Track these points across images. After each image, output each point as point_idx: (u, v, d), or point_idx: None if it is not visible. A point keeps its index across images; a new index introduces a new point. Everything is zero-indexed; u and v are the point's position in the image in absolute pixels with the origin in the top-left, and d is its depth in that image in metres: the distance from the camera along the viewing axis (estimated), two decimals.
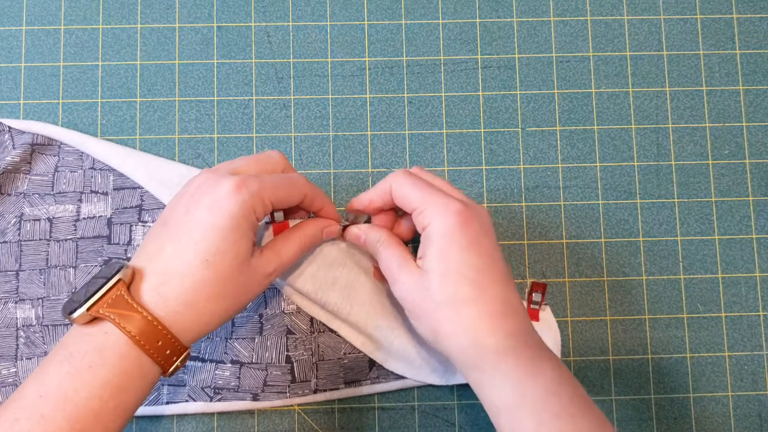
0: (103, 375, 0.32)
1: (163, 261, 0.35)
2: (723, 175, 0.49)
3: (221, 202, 0.35)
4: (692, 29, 0.51)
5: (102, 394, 0.32)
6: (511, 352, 0.35)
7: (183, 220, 0.36)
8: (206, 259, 0.35)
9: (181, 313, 0.34)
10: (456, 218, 0.37)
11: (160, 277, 0.35)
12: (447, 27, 0.50)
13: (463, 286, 0.36)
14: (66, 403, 0.31)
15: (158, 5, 0.50)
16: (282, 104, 0.49)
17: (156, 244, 0.36)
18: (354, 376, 0.46)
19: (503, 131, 0.50)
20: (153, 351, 0.33)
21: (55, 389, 0.32)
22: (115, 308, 0.33)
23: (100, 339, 0.33)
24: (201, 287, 0.35)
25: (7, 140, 0.47)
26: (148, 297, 0.34)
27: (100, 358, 0.33)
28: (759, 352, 0.48)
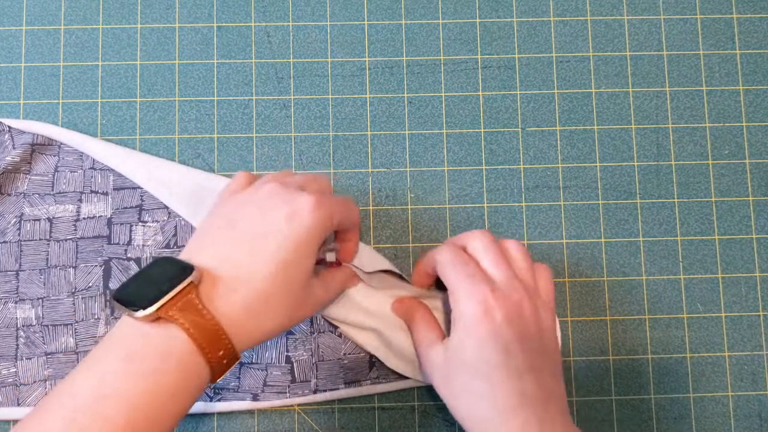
0: (165, 381, 0.31)
1: (234, 266, 0.34)
2: (723, 175, 0.49)
3: (302, 215, 0.35)
4: (692, 29, 0.51)
5: (162, 400, 0.31)
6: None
7: (257, 226, 0.35)
8: (279, 270, 0.34)
9: (244, 322, 0.34)
10: (478, 308, 0.37)
11: (229, 283, 0.34)
12: (447, 27, 0.50)
13: (476, 381, 0.36)
14: (127, 407, 0.30)
15: (158, 5, 0.50)
16: (282, 104, 0.49)
17: (223, 246, 0.35)
18: (354, 377, 0.46)
19: (503, 131, 0.50)
20: (214, 360, 0.33)
21: (116, 391, 0.31)
22: (185, 312, 0.32)
23: (164, 342, 0.32)
24: (269, 298, 0.34)
25: (7, 140, 0.47)
26: (217, 303, 0.33)
27: (164, 364, 0.32)
28: (759, 352, 0.48)
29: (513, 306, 0.37)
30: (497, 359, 0.36)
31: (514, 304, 0.37)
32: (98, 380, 0.31)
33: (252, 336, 0.34)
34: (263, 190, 0.37)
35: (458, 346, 0.37)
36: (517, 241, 0.41)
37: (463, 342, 0.37)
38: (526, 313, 0.38)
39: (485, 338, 0.36)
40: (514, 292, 0.38)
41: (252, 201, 0.37)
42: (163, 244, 0.47)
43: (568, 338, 0.47)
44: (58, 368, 0.45)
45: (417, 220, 0.48)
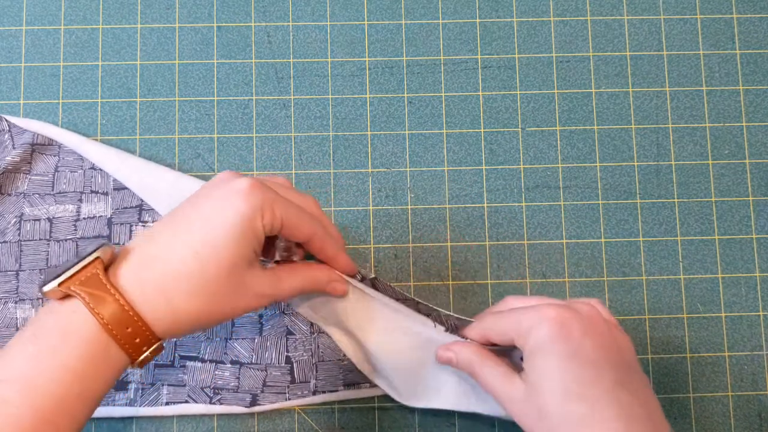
0: (66, 360, 0.30)
1: (152, 246, 0.33)
2: (723, 175, 0.49)
3: (231, 197, 0.34)
4: (692, 29, 0.51)
5: (65, 379, 0.30)
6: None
7: (187, 209, 0.34)
8: (196, 250, 0.33)
9: (157, 302, 0.32)
10: (552, 326, 0.34)
11: (143, 261, 0.33)
12: (447, 27, 0.50)
13: (572, 404, 0.33)
14: (29, 389, 0.29)
15: (158, 5, 0.50)
16: (282, 104, 0.49)
17: (152, 230, 0.34)
18: (353, 378, 0.46)
19: (503, 131, 0.50)
20: (121, 337, 0.31)
21: (18, 373, 0.30)
22: (88, 287, 0.31)
23: (66, 319, 0.31)
24: (182, 278, 0.32)
25: (7, 140, 0.47)
26: (125, 280, 0.32)
27: (65, 342, 0.31)
28: (759, 352, 0.48)
29: (588, 319, 0.35)
30: (588, 376, 0.34)
31: (588, 317, 0.36)
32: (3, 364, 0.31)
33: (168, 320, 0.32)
34: (212, 181, 0.36)
35: (542, 373, 0.35)
36: None
37: (547, 366, 0.34)
38: (601, 327, 0.36)
39: (568, 356, 0.34)
40: (584, 306, 0.36)
41: (200, 190, 0.36)
42: None
43: None
44: None
45: (417, 220, 0.48)
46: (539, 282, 0.48)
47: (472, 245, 0.48)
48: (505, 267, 0.48)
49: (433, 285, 0.48)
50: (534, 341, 0.35)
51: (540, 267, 0.48)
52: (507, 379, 0.37)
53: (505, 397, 0.37)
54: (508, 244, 0.48)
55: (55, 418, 0.30)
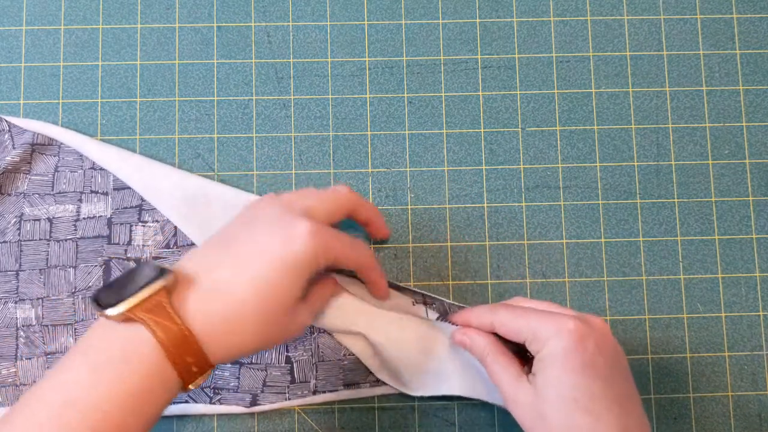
0: (130, 384, 0.31)
1: (216, 277, 0.34)
2: (723, 175, 0.49)
3: (294, 242, 0.35)
4: (692, 29, 0.51)
5: (126, 404, 0.31)
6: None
7: (248, 244, 0.35)
8: (260, 289, 0.34)
9: (217, 333, 0.33)
10: (570, 338, 0.35)
11: (208, 292, 0.34)
12: (447, 27, 0.50)
13: (577, 414, 0.35)
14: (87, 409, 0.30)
15: (158, 5, 0.50)
16: (282, 104, 0.49)
17: (212, 258, 0.35)
18: (353, 378, 0.46)
19: (503, 131, 0.50)
20: (180, 365, 0.32)
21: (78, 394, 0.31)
22: (154, 315, 0.32)
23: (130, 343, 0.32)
24: (244, 313, 0.34)
25: (7, 140, 0.47)
26: (189, 310, 0.33)
27: (128, 366, 0.31)
28: (759, 352, 0.48)
29: (601, 334, 0.37)
30: (597, 390, 0.35)
31: (600, 332, 0.37)
32: (64, 384, 0.31)
33: (224, 349, 0.34)
34: (267, 212, 0.37)
35: (552, 381, 0.36)
36: None
37: (559, 375, 0.35)
38: (612, 344, 0.37)
39: (581, 369, 0.35)
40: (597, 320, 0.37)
41: (252, 220, 0.37)
42: (163, 244, 0.47)
43: None
44: None
45: (417, 220, 0.48)
46: (539, 282, 0.48)
47: (472, 245, 0.48)
48: (505, 267, 0.48)
49: (433, 285, 0.48)
50: (550, 350, 0.36)
51: (540, 267, 0.48)
52: (515, 380, 0.38)
53: (511, 398, 0.38)
54: (508, 244, 0.48)
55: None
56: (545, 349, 0.36)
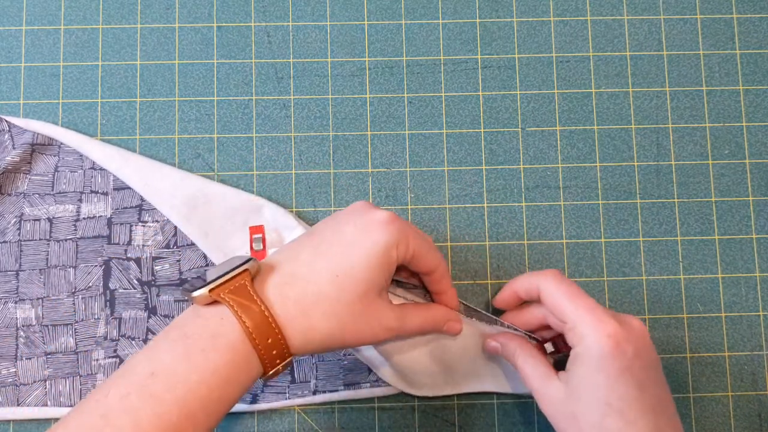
0: (214, 362, 0.32)
1: (295, 264, 0.35)
2: (723, 175, 0.49)
3: (371, 228, 0.36)
4: (692, 29, 0.51)
5: (210, 381, 0.32)
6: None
7: (329, 232, 0.37)
8: (336, 274, 0.35)
9: (296, 318, 0.34)
10: (609, 342, 0.36)
11: (286, 277, 0.35)
12: (447, 27, 0.50)
13: (609, 418, 0.35)
14: (176, 385, 0.31)
15: (158, 5, 0.50)
16: (282, 104, 0.49)
17: (295, 248, 0.37)
18: (353, 378, 0.46)
19: (503, 131, 0.50)
20: (262, 347, 0.33)
21: (167, 369, 0.32)
22: (236, 296, 0.33)
23: (214, 324, 0.33)
24: (321, 299, 0.35)
25: (7, 140, 0.47)
26: (269, 293, 0.34)
27: (213, 344, 0.32)
28: (759, 352, 0.48)
29: (640, 338, 0.37)
30: (632, 395, 0.35)
31: (640, 336, 0.37)
32: (151, 361, 0.32)
33: (302, 334, 0.34)
34: (350, 207, 0.38)
35: (587, 382, 0.36)
36: None
37: (594, 378, 0.36)
38: (650, 348, 0.38)
39: (618, 374, 0.35)
40: (636, 323, 0.38)
41: (338, 216, 0.38)
42: (163, 244, 0.47)
43: None
44: (57, 368, 0.45)
45: (417, 220, 0.48)
46: None
47: (472, 245, 0.48)
48: (505, 267, 0.48)
49: None
50: (586, 350, 0.36)
51: (540, 267, 0.48)
52: (547, 378, 0.38)
53: (542, 396, 0.38)
54: (508, 244, 0.48)
55: (196, 415, 0.32)
56: (581, 347, 0.37)
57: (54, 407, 0.45)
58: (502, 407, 0.46)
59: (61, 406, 0.45)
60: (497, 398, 0.47)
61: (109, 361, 0.46)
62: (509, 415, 0.46)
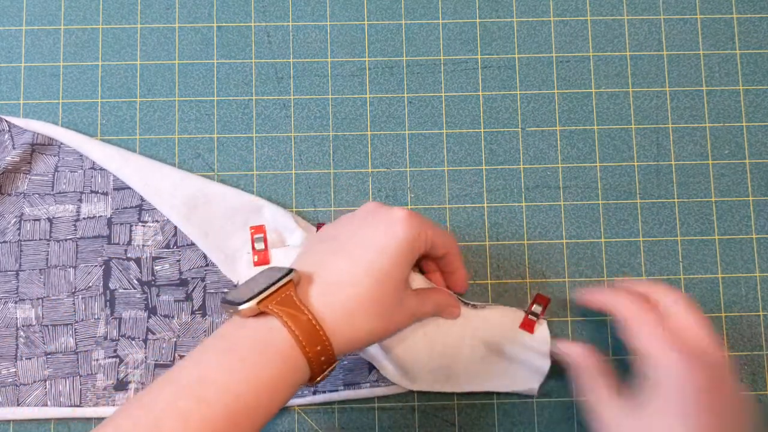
0: (263, 372, 0.33)
1: (333, 272, 0.37)
2: (723, 175, 0.49)
3: (395, 227, 0.38)
4: (692, 29, 0.51)
5: (258, 390, 0.33)
6: None
7: (356, 238, 0.38)
8: (375, 277, 0.36)
9: (341, 323, 0.35)
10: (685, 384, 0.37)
11: (327, 285, 0.36)
12: (447, 27, 0.50)
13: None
14: (226, 393, 0.32)
15: (158, 5, 0.50)
16: (282, 104, 0.49)
17: (324, 256, 0.38)
18: (353, 379, 0.46)
19: (503, 131, 0.50)
20: (311, 354, 0.34)
21: (216, 378, 0.32)
22: (283, 306, 0.34)
23: (263, 334, 0.34)
24: (364, 301, 0.36)
25: (7, 140, 0.47)
26: (314, 300, 0.35)
27: (262, 355, 0.33)
28: (759, 352, 0.48)
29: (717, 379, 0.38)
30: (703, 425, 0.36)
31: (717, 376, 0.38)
32: (199, 368, 0.33)
33: (347, 338, 0.36)
34: (362, 209, 0.40)
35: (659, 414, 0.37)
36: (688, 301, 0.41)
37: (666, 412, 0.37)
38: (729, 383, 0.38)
39: (692, 414, 0.36)
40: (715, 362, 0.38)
41: (352, 218, 0.40)
42: (163, 244, 0.47)
43: (569, 338, 0.47)
44: (57, 368, 0.45)
45: None
46: (539, 282, 0.48)
47: (472, 245, 0.48)
48: (505, 267, 0.48)
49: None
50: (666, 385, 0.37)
51: (540, 267, 0.48)
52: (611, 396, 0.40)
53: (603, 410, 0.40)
54: (508, 244, 0.48)
55: (242, 423, 0.32)
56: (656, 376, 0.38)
57: (54, 407, 0.45)
58: (502, 407, 0.46)
59: (61, 406, 0.45)
60: (497, 398, 0.47)
61: (109, 361, 0.46)
62: (509, 415, 0.46)
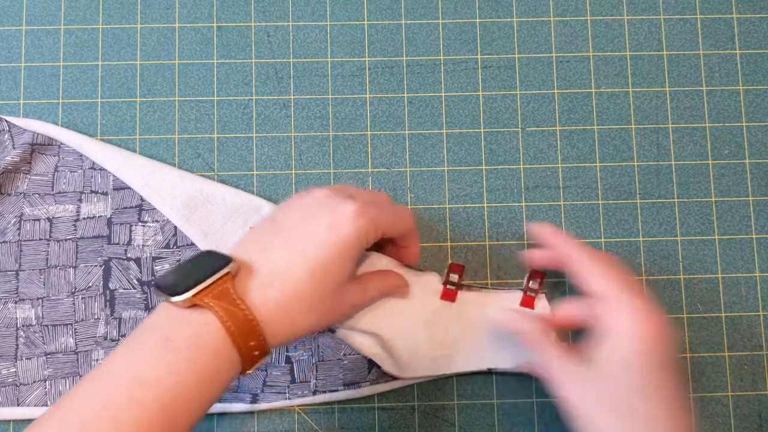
0: (199, 366, 0.32)
1: (272, 262, 0.36)
2: (723, 175, 0.49)
3: (341, 224, 0.36)
4: (692, 29, 0.51)
5: (194, 385, 0.32)
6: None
7: (298, 228, 0.37)
8: (314, 272, 0.35)
9: (277, 317, 0.35)
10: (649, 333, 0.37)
11: (265, 277, 0.35)
12: (447, 27, 0.50)
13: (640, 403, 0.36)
14: (159, 388, 0.31)
15: (158, 5, 0.50)
16: (282, 104, 0.49)
17: (265, 242, 0.37)
18: (353, 378, 0.46)
19: (503, 131, 0.50)
20: (245, 349, 0.34)
21: (150, 375, 0.32)
22: (221, 301, 0.33)
23: (198, 328, 0.33)
24: (302, 297, 0.35)
25: (7, 140, 0.47)
26: (252, 295, 0.34)
27: (198, 350, 0.33)
28: (759, 352, 0.48)
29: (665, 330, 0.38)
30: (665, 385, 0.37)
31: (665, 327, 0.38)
32: (134, 364, 0.32)
33: (283, 332, 0.35)
34: (312, 196, 0.38)
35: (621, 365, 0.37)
36: None
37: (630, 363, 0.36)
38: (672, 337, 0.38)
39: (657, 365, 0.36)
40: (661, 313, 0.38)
41: (300, 206, 0.38)
42: (163, 244, 0.47)
43: (569, 338, 0.47)
44: (57, 368, 0.45)
45: (417, 220, 0.48)
46: None
47: (472, 245, 0.48)
48: (505, 267, 0.48)
49: None
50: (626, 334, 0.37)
51: None
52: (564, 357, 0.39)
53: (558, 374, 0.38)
54: (508, 244, 0.48)
55: (179, 419, 0.32)
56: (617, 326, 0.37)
57: None
58: (502, 407, 0.46)
59: None
60: (497, 398, 0.47)
61: None
62: (509, 415, 0.46)
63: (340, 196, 0.38)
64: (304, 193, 0.39)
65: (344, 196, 0.38)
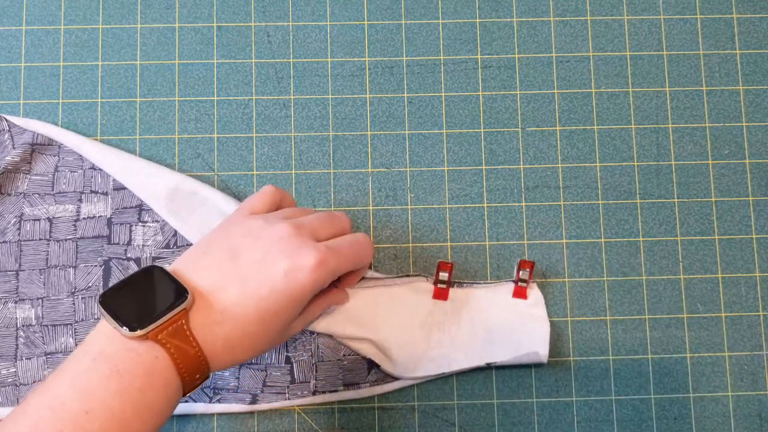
0: (148, 398, 0.33)
1: (225, 299, 0.36)
2: (723, 175, 0.49)
3: (299, 273, 0.36)
4: (692, 29, 0.51)
5: (144, 415, 0.33)
6: None
7: (257, 268, 0.36)
8: (263, 317, 0.36)
9: (221, 353, 0.36)
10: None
11: (217, 315, 0.35)
12: (447, 27, 0.50)
13: None
14: (111, 422, 0.32)
15: (158, 5, 0.50)
16: (282, 104, 0.49)
17: (220, 276, 0.36)
18: (353, 378, 0.46)
19: (503, 131, 0.50)
20: (189, 380, 0.35)
21: (102, 407, 0.32)
22: (174, 338, 0.34)
23: (149, 361, 0.33)
24: (247, 336, 0.36)
25: (7, 140, 0.47)
26: (201, 333, 0.35)
27: (149, 383, 0.33)
28: (759, 352, 0.48)
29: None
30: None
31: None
32: (83, 394, 0.32)
33: (224, 362, 0.36)
34: (275, 230, 0.37)
35: None
36: None
37: None
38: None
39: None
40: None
41: (261, 239, 0.37)
42: (163, 244, 0.47)
43: (568, 338, 0.47)
44: None
45: (417, 220, 0.48)
46: (539, 282, 0.48)
47: (472, 245, 0.48)
48: (505, 267, 0.48)
49: None
50: None
51: (540, 267, 0.48)
52: None
53: None
54: (508, 244, 0.48)
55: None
56: None
57: None
58: (502, 407, 0.46)
59: None
60: (497, 398, 0.47)
61: None
62: (509, 415, 0.46)
63: (304, 237, 0.37)
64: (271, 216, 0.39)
65: (308, 235, 0.37)
